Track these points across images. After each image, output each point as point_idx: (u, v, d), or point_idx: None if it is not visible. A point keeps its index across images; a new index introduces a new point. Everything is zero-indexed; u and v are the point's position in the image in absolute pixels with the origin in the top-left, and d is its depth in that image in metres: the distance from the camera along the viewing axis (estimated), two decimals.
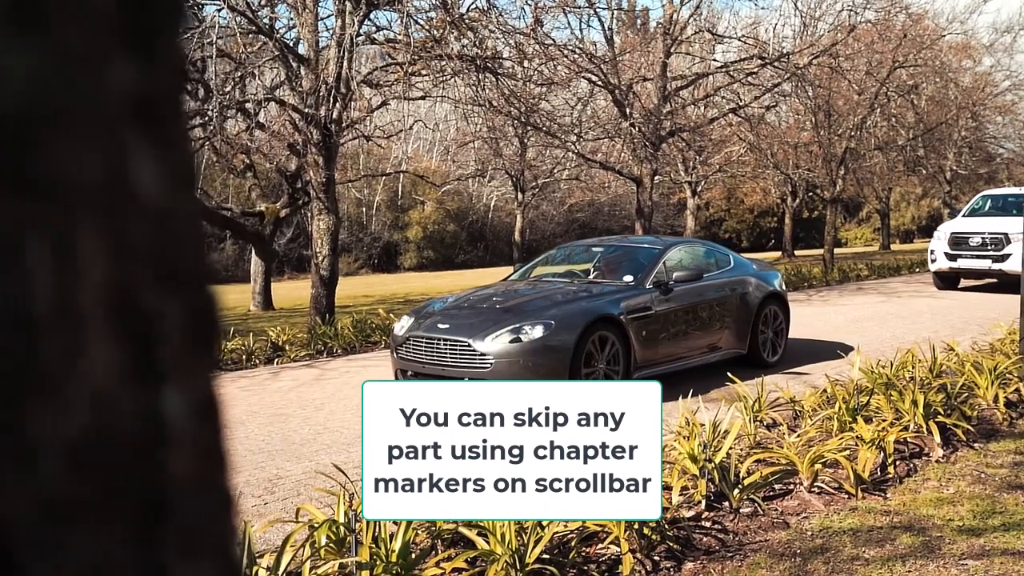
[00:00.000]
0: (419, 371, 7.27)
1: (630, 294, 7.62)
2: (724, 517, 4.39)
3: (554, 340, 6.80)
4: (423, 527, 3.92)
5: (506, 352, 6.76)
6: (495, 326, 6.94)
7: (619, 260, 8.67)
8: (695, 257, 8.79)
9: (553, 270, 9.11)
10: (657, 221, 45.96)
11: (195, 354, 0.43)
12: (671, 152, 26.41)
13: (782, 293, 9.23)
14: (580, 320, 7.00)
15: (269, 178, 23.99)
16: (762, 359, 8.66)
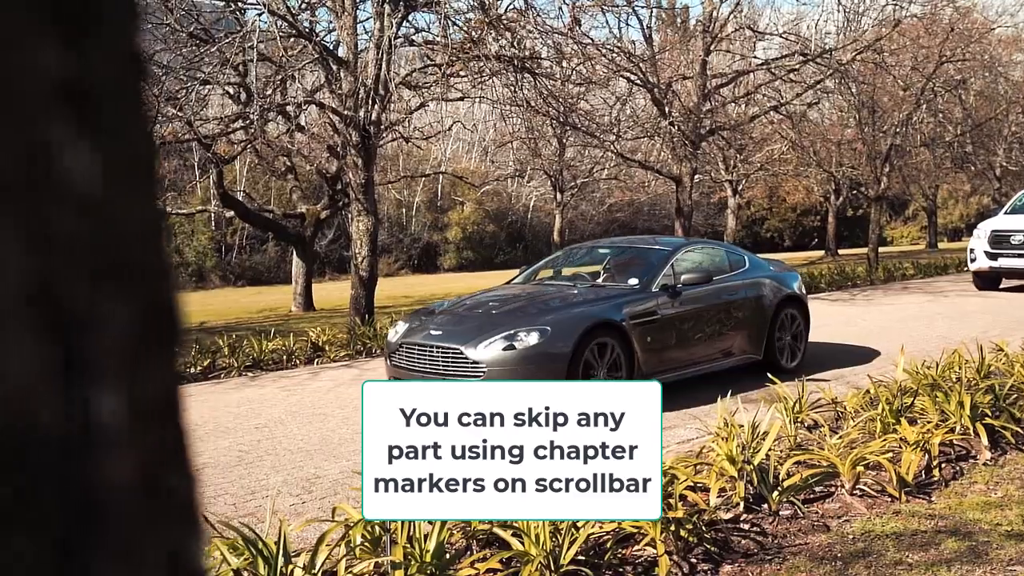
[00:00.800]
0: (411, 380, 6.86)
1: (634, 298, 7.31)
2: (763, 519, 4.33)
3: (550, 347, 6.52)
4: (458, 527, 3.92)
5: (500, 360, 6.46)
6: (489, 333, 6.64)
7: (626, 263, 8.35)
8: (706, 259, 8.41)
9: (560, 272, 8.82)
10: (698, 220, 45.59)
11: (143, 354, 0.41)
12: (711, 151, 26.18)
13: (801, 296, 8.88)
14: (578, 326, 6.67)
15: (310, 180, 24.24)
16: (779, 365, 8.25)
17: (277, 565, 3.03)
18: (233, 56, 12.19)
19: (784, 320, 8.45)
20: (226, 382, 9.26)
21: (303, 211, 18.95)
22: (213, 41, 12.42)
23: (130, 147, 0.42)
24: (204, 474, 5.49)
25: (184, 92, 12.71)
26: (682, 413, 6.83)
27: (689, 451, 5.37)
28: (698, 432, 6.00)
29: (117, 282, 0.41)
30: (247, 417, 7.24)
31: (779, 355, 8.35)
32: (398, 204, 42.86)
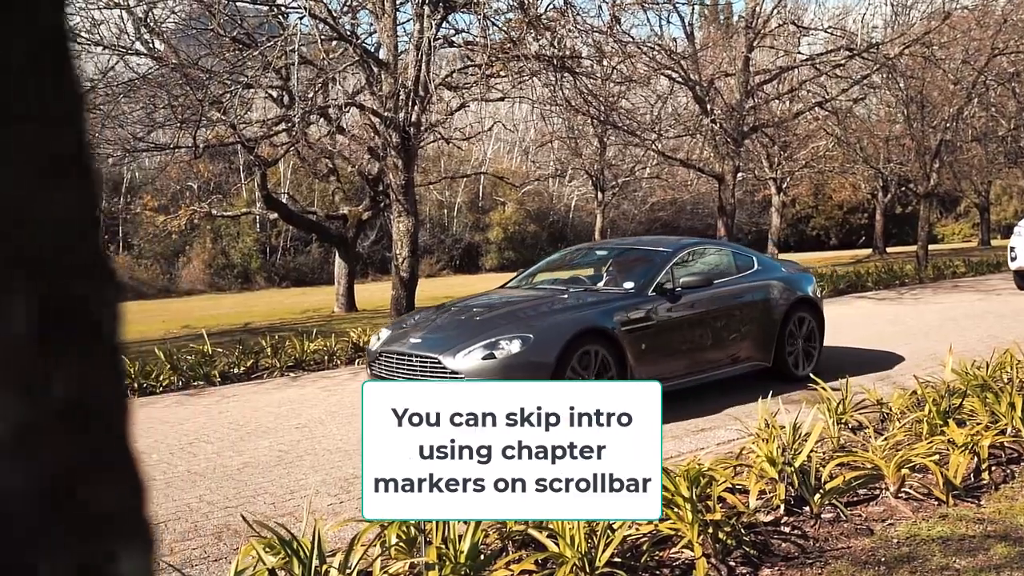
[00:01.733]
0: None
1: (627, 303, 6.89)
2: (804, 522, 4.24)
3: (533, 356, 6.12)
4: (493, 528, 3.91)
5: (479, 370, 6.09)
6: (469, 341, 6.30)
7: (623, 265, 7.90)
8: (710, 261, 8.02)
9: (556, 275, 8.38)
10: (742, 219, 45.11)
11: (47, 355, 0.37)
12: (754, 148, 25.87)
13: (814, 299, 8.41)
14: (563, 333, 6.28)
15: (352, 182, 24.43)
16: (790, 372, 7.88)
17: (312, 565, 3.04)
18: (275, 60, 12.32)
19: (795, 325, 8.02)
20: (268, 382, 9.36)
21: (345, 212, 19.10)
22: (256, 45, 12.57)
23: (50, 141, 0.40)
24: (244, 473, 5.55)
25: (228, 96, 12.88)
26: (722, 414, 6.74)
27: (729, 452, 5.29)
28: (739, 433, 5.91)
29: (15, 277, 0.37)
30: (288, 417, 7.31)
31: (790, 361, 7.92)
32: (440, 205, 43.04)
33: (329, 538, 4.04)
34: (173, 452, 6.20)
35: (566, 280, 8.04)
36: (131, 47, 13.26)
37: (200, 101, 11.99)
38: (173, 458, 6.03)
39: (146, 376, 9.08)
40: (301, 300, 26.67)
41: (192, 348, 10.42)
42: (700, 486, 4.04)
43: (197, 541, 4.34)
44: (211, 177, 23.73)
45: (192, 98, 12.05)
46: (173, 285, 40.33)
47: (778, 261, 8.78)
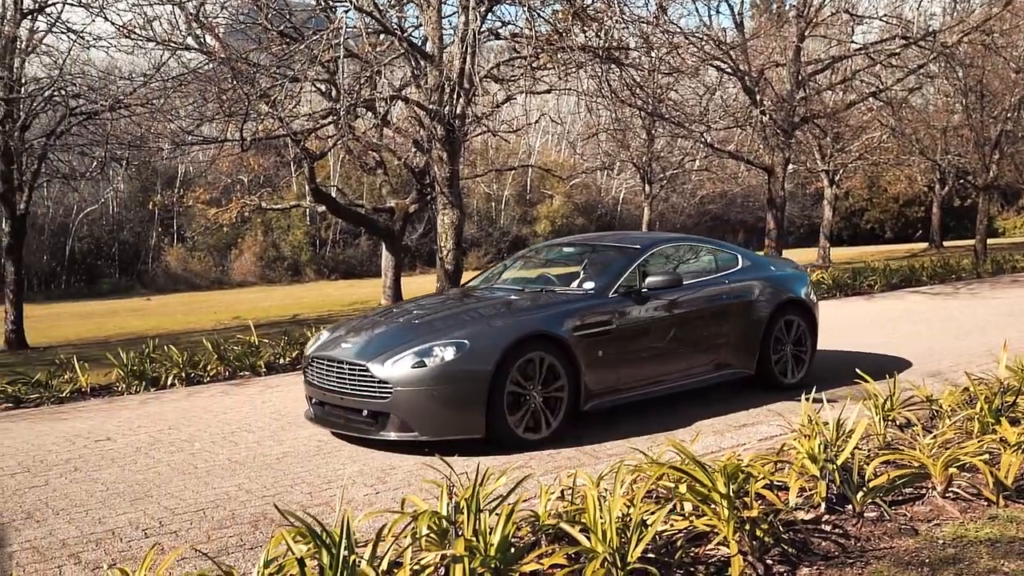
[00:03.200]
0: (321, 399, 6.17)
1: (584, 305, 6.30)
2: (846, 521, 4.14)
3: (467, 365, 5.59)
4: (526, 521, 3.87)
5: (408, 379, 5.56)
6: (400, 347, 5.76)
7: (589, 263, 7.24)
8: (686, 259, 7.42)
9: (522, 274, 7.73)
10: (793, 212, 44.39)
11: None
12: (806, 140, 25.40)
13: (805, 300, 7.65)
14: (502, 339, 5.70)
15: (400, 175, 24.55)
16: (776, 380, 7.27)
17: (340, 555, 3.04)
18: (321, 53, 12.40)
19: (783, 328, 7.37)
20: None
21: (392, 205, 19.21)
22: (303, 39, 12.67)
23: None
24: (283, 463, 5.59)
25: (275, 90, 13.01)
26: (764, 409, 6.62)
27: (770, 449, 5.18)
28: (781, 429, 5.80)
29: None
30: None
31: (776, 368, 7.29)
32: (487, 198, 43.09)
33: (363, 528, 4.05)
34: (215, 441, 6.28)
35: (530, 279, 7.41)
36: (183, 42, 13.46)
37: (247, 95, 12.13)
38: (215, 447, 6.10)
39: (194, 366, 9.22)
40: (349, 292, 26.95)
41: (240, 339, 10.56)
42: (738, 482, 3.95)
43: (234, 529, 4.38)
44: (261, 170, 24.03)
45: (240, 92, 12.19)
46: (225, 277, 41.03)
47: (770, 259, 8.10)
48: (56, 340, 16.88)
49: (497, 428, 5.61)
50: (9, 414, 7.93)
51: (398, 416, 5.59)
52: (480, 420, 5.57)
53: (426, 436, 5.57)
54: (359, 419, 5.81)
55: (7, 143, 15.16)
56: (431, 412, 5.56)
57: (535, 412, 5.80)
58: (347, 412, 5.91)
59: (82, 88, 15.27)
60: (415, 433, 5.58)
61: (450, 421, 5.59)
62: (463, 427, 5.60)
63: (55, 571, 3.93)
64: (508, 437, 5.62)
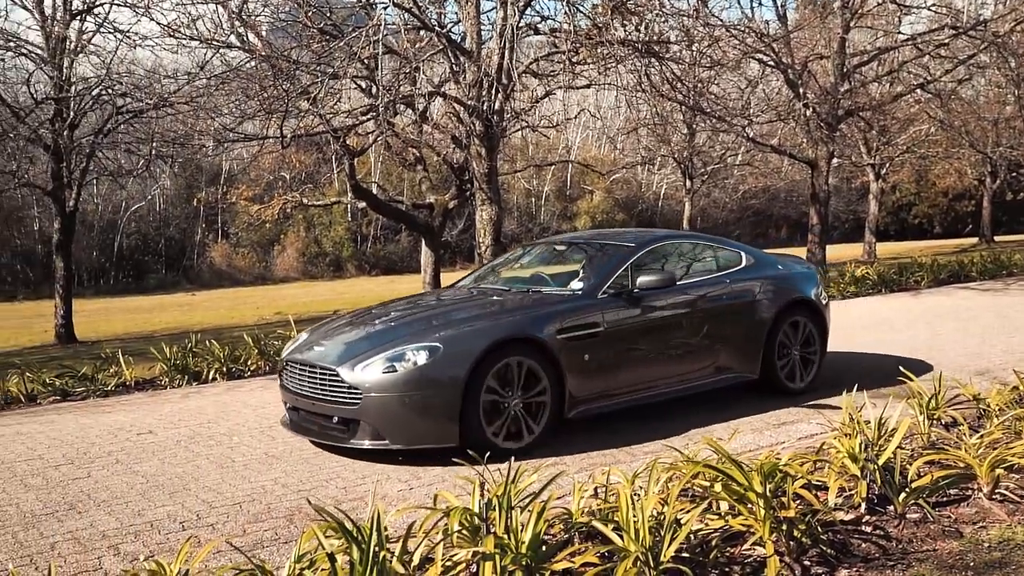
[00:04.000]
0: (294, 404, 5.93)
1: (569, 306, 5.97)
2: (887, 522, 4.04)
3: (439, 370, 5.32)
4: (560, 519, 3.85)
5: (378, 385, 5.30)
6: (372, 350, 5.52)
7: (580, 262, 6.97)
8: (684, 257, 7.04)
9: (515, 273, 7.36)
10: (838, 207, 43.75)
11: None
12: (850, 133, 24.95)
13: (815, 300, 7.26)
14: (477, 343, 5.41)
15: (439, 171, 24.64)
16: (781, 384, 6.92)
17: (370, 550, 3.04)
18: (361, 50, 12.46)
19: (789, 330, 7.01)
20: None
21: (432, 201, 19.26)
22: (342, 36, 12.74)
23: None
24: (319, 458, 5.63)
25: (315, 86, 13.10)
26: (805, 408, 6.51)
27: (809, 447, 5.09)
28: (822, 427, 5.69)
29: None
30: None
31: (782, 373, 6.94)
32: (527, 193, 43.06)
33: (396, 524, 4.05)
34: (253, 435, 6.34)
35: (524, 279, 7.05)
36: (226, 41, 13.62)
37: (286, 92, 12.23)
38: (253, 440, 6.16)
39: (235, 360, 9.33)
40: (390, 287, 27.10)
41: (280, 334, 10.66)
42: (775, 481, 3.88)
43: (269, 523, 4.41)
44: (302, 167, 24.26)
45: (280, 89, 12.30)
46: (268, 273, 41.56)
47: (777, 257, 7.74)
48: (104, 334, 17.22)
49: (472, 436, 5.28)
50: (56, 406, 8.09)
51: (368, 423, 5.32)
52: (454, 428, 5.28)
53: (398, 445, 5.30)
54: (331, 426, 5.57)
55: (57, 141, 15.49)
56: (402, 420, 5.29)
57: (515, 419, 5.50)
58: (320, 418, 5.66)
59: (128, 87, 15.54)
60: (386, 441, 5.31)
61: (422, 429, 5.32)
62: (436, 435, 5.32)
63: (95, 562, 3.99)
64: (484, 446, 5.12)
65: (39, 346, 15.51)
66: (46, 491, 5.15)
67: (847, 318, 11.54)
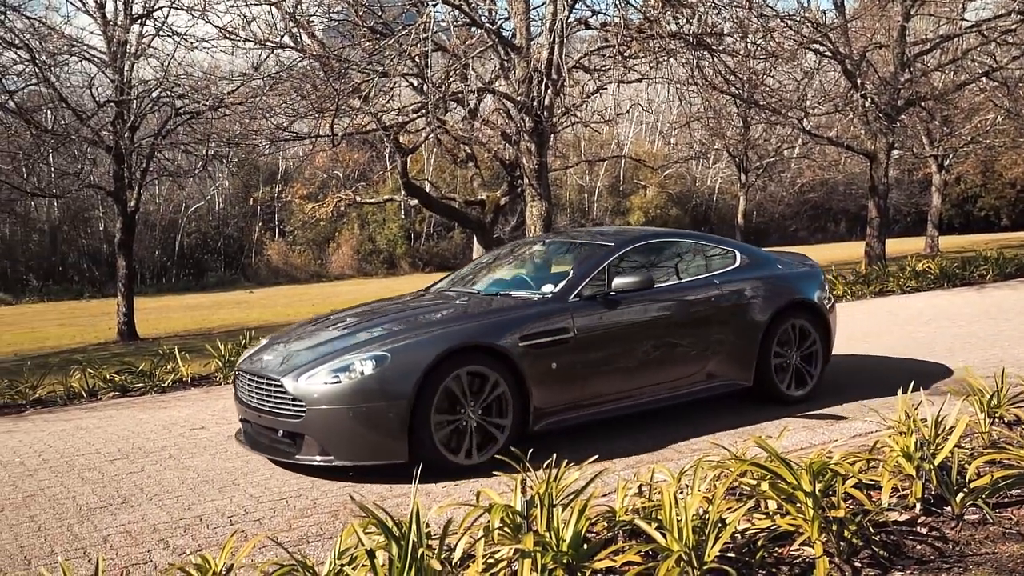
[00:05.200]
0: (245, 416, 5.66)
1: (534, 312, 5.57)
2: (943, 524, 3.91)
3: (387, 381, 4.95)
4: (604, 516, 3.80)
5: (322, 397, 4.97)
6: (318, 360, 5.19)
7: (556, 263, 6.56)
8: (670, 257, 6.52)
9: (497, 275, 6.80)
10: (900, 199, 42.76)
11: None
12: (911, 124, 24.30)
13: (817, 303, 6.76)
14: (428, 352, 5.03)
15: (492, 167, 24.69)
16: (778, 392, 6.47)
17: (408, 548, 3.03)
18: (411, 48, 12.52)
19: (788, 334, 6.57)
20: None
21: (483, 198, 19.30)
22: (392, 34, 12.82)
23: None
24: None
25: (366, 85, 13.21)
26: (858, 404, 6.35)
27: (862, 446, 4.96)
28: (877, 425, 5.54)
29: None
30: None
31: (779, 379, 6.49)
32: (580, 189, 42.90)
33: (439, 521, 4.04)
34: None
35: (506, 280, 6.59)
36: (279, 41, 13.81)
37: (337, 91, 12.35)
38: None
39: None
40: None
41: None
42: (824, 480, 3.78)
43: (315, 518, 4.45)
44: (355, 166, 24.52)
45: (331, 88, 12.42)
46: (324, 270, 42.12)
47: (779, 256, 7.27)
48: (164, 331, 17.62)
49: (423, 452, 4.94)
50: (115, 402, 8.30)
51: (313, 437, 5.01)
52: (402, 443, 4.92)
53: (342, 461, 4.97)
54: (278, 440, 5.28)
55: (118, 143, 15.89)
56: (347, 434, 4.94)
57: (471, 434, 5.13)
58: (269, 432, 5.37)
59: (186, 88, 15.87)
60: (331, 457, 4.98)
61: (368, 444, 4.95)
62: (383, 451, 4.96)
63: (145, 555, 4.07)
64: (436, 462, 4.93)
65: (102, 343, 15.93)
66: (101, 485, 5.27)
67: (907, 313, 11.25)
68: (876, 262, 18.36)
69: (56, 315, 25.75)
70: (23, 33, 13.80)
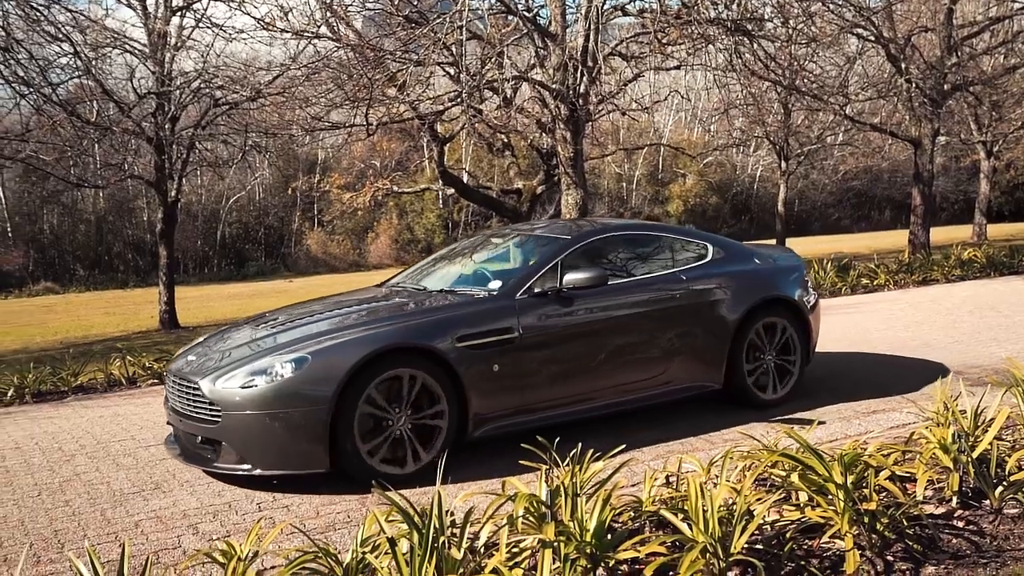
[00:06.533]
0: (170, 420, 5.33)
1: (476, 310, 5.21)
2: (981, 518, 3.80)
3: (306, 385, 4.62)
4: (630, 507, 3.76)
5: (238, 402, 4.65)
6: (239, 361, 4.86)
7: (509, 258, 6.23)
8: (632, 251, 6.14)
9: (456, 269, 6.40)
10: (947, 187, 41.88)
11: None
12: (959, 109, 23.75)
13: (794, 299, 6.33)
14: (352, 354, 4.69)
15: (528, 156, 24.60)
16: (750, 396, 6.08)
17: (428, 536, 3.02)
18: (446, 36, 12.50)
19: (761, 333, 6.17)
20: None
21: (520, 187, 19.25)
22: (427, 23, 12.81)
23: None
24: None
25: (401, 74, 13.23)
26: (898, 397, 6.21)
27: (898, 437, 4.85)
28: (914, 417, 5.41)
29: None
30: None
31: (751, 381, 6.09)
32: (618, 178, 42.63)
33: (464, 509, 4.02)
34: None
35: (465, 276, 6.18)
36: (316, 32, 13.88)
37: (372, 80, 12.37)
38: None
39: None
40: None
41: None
42: (856, 472, 3.70)
43: (342, 505, 4.46)
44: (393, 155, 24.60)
45: (367, 77, 12.46)
46: (362, 259, 42.43)
47: (757, 250, 6.78)
48: (204, 320, 17.86)
49: (346, 461, 4.65)
50: (153, 389, 8.42)
51: (230, 444, 4.71)
52: (323, 451, 4.60)
53: (259, 469, 4.65)
54: (198, 446, 4.95)
55: (159, 134, 16.11)
56: (264, 441, 4.63)
57: (402, 442, 4.81)
58: (190, 437, 5.03)
59: (225, 79, 16.03)
60: (249, 466, 4.67)
61: (287, 452, 4.63)
62: (303, 460, 4.64)
63: (174, 540, 4.11)
64: (361, 472, 4.65)
65: (144, 331, 16.20)
66: (135, 470, 5.34)
67: (951, 302, 11.01)
68: (920, 250, 18.00)
69: (102, 304, 26.26)
70: (65, 26, 14.02)
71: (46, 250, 39.55)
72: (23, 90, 13.82)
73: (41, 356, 12.03)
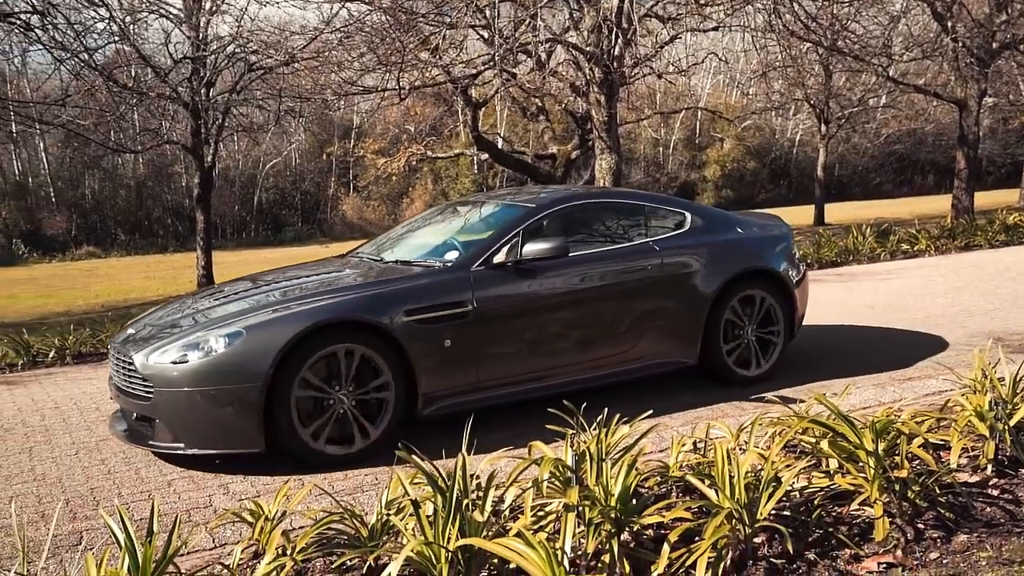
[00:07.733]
0: (112, 395, 5.14)
1: (425, 283, 4.96)
2: (1017, 486, 3.73)
3: (239, 360, 4.41)
4: (656, 472, 3.74)
5: (168, 377, 4.46)
6: (174, 335, 4.65)
7: (469, 228, 5.92)
8: (602, 221, 5.85)
9: (423, 239, 6.04)
10: (994, 150, 40.80)
11: None
12: (1008, 69, 23.05)
13: (779, 272, 5.98)
14: (288, 328, 4.47)
15: (563, 121, 24.38)
16: (729, 372, 5.82)
17: (452, 499, 3.03)
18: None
19: (739, 307, 5.85)
20: None
21: (554, 151, 19.12)
22: None
23: None
24: None
25: (434, 37, 13.13)
26: (933, 363, 6.10)
27: (932, 404, 4.76)
28: (950, 384, 5.31)
29: None
30: None
31: (730, 358, 5.82)
32: (655, 143, 42.18)
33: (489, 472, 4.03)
34: None
35: (434, 246, 5.80)
36: None
37: (404, 44, 12.30)
38: None
39: None
40: None
41: None
42: (888, 440, 3.64)
43: (369, 468, 4.50)
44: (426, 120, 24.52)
45: (399, 41, 12.39)
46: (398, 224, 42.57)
47: (741, 218, 6.41)
48: None
49: (283, 440, 4.48)
50: None
51: (162, 422, 4.54)
52: (257, 430, 4.41)
53: (193, 449, 4.49)
54: (135, 423, 4.81)
55: (195, 99, 16.20)
56: (195, 418, 4.45)
57: (345, 420, 4.62)
58: (127, 414, 4.93)
59: (259, 44, 16.05)
60: (181, 444, 4.51)
61: (219, 430, 4.44)
62: (236, 438, 4.45)
63: (206, 499, 4.18)
64: (300, 452, 4.51)
65: (182, 295, 16.44)
66: None
67: (993, 267, 10.78)
68: (963, 215, 17.60)
69: (142, 268, 26.68)
70: None
71: (88, 215, 40.19)
72: (61, 55, 13.93)
73: (82, 319, 12.27)
